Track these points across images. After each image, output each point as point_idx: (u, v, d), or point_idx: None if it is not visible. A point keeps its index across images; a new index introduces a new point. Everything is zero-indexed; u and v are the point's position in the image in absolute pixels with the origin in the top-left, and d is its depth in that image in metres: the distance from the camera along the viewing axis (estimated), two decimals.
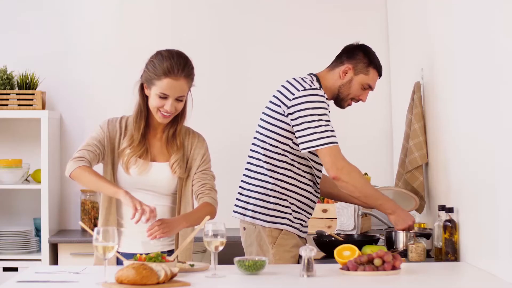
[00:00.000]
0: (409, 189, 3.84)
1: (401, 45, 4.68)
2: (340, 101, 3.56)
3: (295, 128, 3.35)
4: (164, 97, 3.04)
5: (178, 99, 3.06)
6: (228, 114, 5.05)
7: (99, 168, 3.19)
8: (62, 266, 3.11)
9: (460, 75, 3.27)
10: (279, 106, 3.41)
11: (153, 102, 3.07)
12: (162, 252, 3.03)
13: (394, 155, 4.86)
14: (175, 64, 3.03)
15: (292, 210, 3.44)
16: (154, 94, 3.06)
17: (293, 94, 3.38)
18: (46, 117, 4.72)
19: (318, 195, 3.57)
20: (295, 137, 3.38)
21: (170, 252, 3.15)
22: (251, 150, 3.53)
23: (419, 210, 3.82)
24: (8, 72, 4.82)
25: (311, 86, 3.39)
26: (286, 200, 3.43)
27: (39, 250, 4.76)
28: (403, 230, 3.41)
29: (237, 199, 3.53)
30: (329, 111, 3.40)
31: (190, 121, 3.25)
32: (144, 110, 3.13)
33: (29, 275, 2.88)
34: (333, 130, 3.33)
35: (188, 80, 3.07)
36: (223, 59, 5.09)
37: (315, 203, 3.54)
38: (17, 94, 4.78)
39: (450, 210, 3.28)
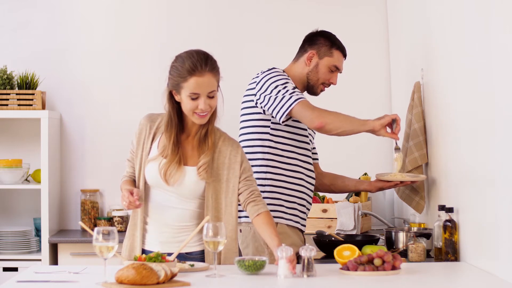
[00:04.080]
0: (409, 189, 3.83)
1: (401, 45, 4.68)
2: (312, 88, 3.61)
3: (266, 106, 3.43)
4: (195, 97, 3.01)
5: (209, 96, 3.02)
6: (224, 111, 5.03)
7: None
8: (62, 266, 3.10)
9: (460, 75, 3.28)
10: (252, 100, 3.50)
11: (187, 105, 3.03)
12: (186, 253, 3.07)
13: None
14: (196, 61, 3.00)
15: (284, 200, 3.47)
16: (185, 97, 3.01)
17: (255, 81, 3.50)
18: (46, 117, 4.72)
19: (312, 181, 3.58)
20: (272, 117, 3.46)
21: (196, 252, 3.13)
22: None
23: (419, 210, 3.82)
24: (8, 72, 4.82)
25: (269, 68, 3.53)
26: (274, 192, 3.47)
27: (39, 250, 4.76)
28: (388, 123, 3.44)
29: None
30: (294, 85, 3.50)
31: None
32: (175, 118, 3.09)
33: (29, 275, 2.88)
34: (300, 93, 3.42)
35: (214, 73, 3.03)
36: (220, 56, 5.05)
37: (309, 190, 3.57)
38: (17, 94, 4.78)
39: (450, 210, 3.28)
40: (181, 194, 3.09)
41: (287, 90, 3.38)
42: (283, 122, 3.41)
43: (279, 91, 3.39)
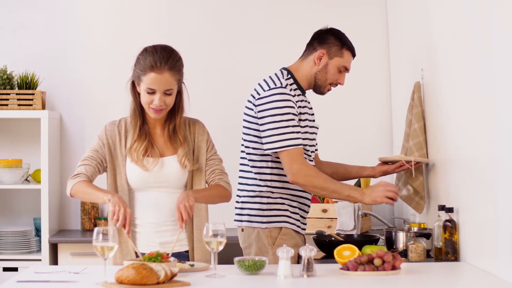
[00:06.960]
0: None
1: (401, 45, 4.68)
2: (319, 87, 3.55)
3: (261, 128, 3.39)
4: (151, 92, 3.05)
5: (166, 93, 3.06)
6: (224, 111, 5.04)
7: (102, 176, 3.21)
8: (62, 266, 3.11)
9: (460, 75, 3.28)
10: (252, 109, 3.44)
11: (143, 99, 3.09)
12: (178, 252, 3.07)
13: (394, 155, 4.86)
14: (157, 58, 3.04)
15: (288, 205, 3.45)
16: (143, 90, 3.08)
17: (259, 94, 3.41)
18: (46, 117, 4.72)
19: None
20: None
21: (187, 252, 3.16)
22: (241, 158, 3.55)
23: (419, 210, 3.82)
24: (8, 72, 4.82)
25: (276, 85, 3.40)
26: (279, 198, 3.44)
27: (39, 250, 4.76)
28: (383, 200, 3.36)
29: (235, 207, 3.54)
30: (297, 107, 3.40)
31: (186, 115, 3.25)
32: (138, 107, 3.15)
33: (29, 275, 2.88)
34: (295, 132, 3.34)
35: (173, 72, 3.06)
36: (220, 56, 5.09)
37: (310, 194, 3.55)
38: (17, 94, 4.78)
39: (450, 210, 3.28)
40: (169, 186, 3.13)
41: (281, 127, 3.33)
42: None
43: (275, 122, 3.33)
